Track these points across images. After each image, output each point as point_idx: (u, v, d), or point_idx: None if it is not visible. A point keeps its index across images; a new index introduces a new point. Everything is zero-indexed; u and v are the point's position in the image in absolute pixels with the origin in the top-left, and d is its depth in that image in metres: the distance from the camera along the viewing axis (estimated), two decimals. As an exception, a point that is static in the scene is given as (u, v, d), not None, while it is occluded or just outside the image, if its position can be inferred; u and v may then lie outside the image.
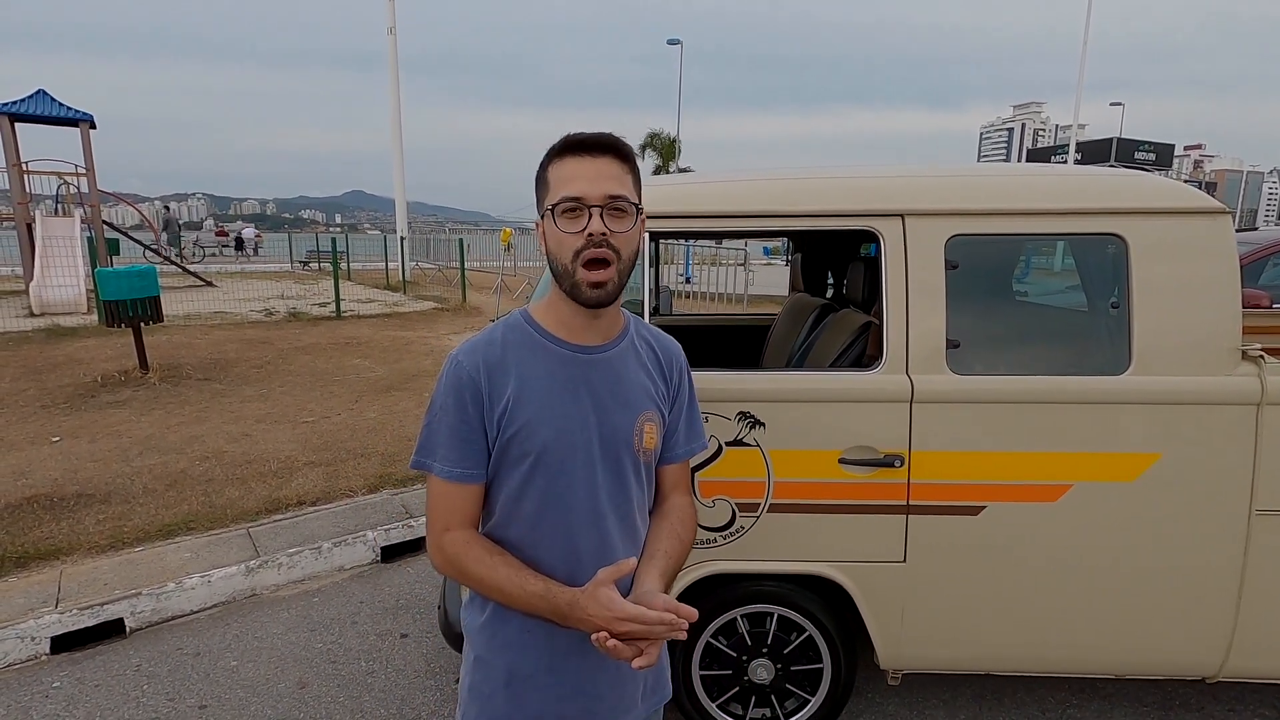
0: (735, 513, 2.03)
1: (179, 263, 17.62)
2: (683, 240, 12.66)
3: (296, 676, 2.71)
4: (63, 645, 2.85)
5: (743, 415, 1.98)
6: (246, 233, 33.47)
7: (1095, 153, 41.16)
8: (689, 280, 15.02)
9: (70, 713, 2.50)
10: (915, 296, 1.95)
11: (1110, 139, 42.60)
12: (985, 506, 1.98)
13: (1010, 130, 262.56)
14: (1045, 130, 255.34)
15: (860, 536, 2.02)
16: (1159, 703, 2.50)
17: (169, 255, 18.87)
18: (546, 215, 1.11)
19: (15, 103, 13.13)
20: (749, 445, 1.99)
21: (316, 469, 4.50)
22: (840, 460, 1.98)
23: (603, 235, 1.07)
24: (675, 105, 27.53)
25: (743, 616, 2.17)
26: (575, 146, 1.09)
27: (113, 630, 2.95)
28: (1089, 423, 1.94)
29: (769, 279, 13.30)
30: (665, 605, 1.05)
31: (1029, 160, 77.88)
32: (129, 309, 6.27)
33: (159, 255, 16.95)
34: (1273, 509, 1.94)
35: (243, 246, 31.17)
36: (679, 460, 1.31)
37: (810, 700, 2.24)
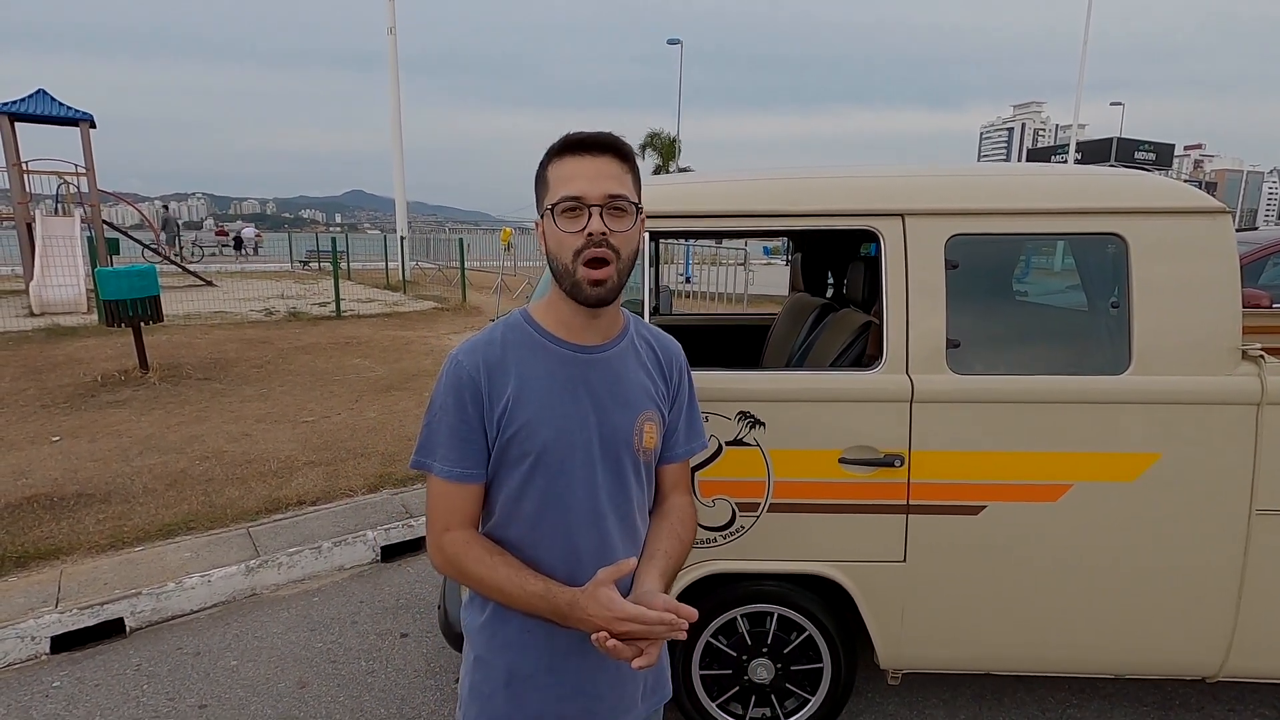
0: (735, 512, 2.03)
1: (179, 262, 17.62)
2: (683, 240, 12.66)
3: (296, 676, 2.71)
4: (63, 645, 2.85)
5: (743, 415, 1.98)
6: (246, 232, 33.46)
7: (1095, 152, 41.20)
8: (689, 280, 15.02)
9: (70, 712, 2.50)
10: (915, 296, 1.95)
11: (1110, 139, 42.64)
12: (985, 506, 1.98)
13: (1010, 130, 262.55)
14: (1045, 130, 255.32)
15: (860, 536, 2.02)
16: (1159, 703, 2.50)
17: (169, 255, 18.87)
18: (546, 215, 1.11)
19: (15, 102, 13.15)
20: (749, 445, 1.99)
21: (316, 469, 4.50)
22: (840, 460, 1.98)
23: (602, 234, 1.07)
24: (675, 105, 27.57)
25: (743, 616, 2.17)
26: (575, 146, 1.09)
27: (113, 630, 2.95)
28: (1089, 422, 1.94)
29: (769, 279, 13.29)
30: (665, 605, 1.05)
31: (1029, 160, 77.87)
32: (129, 308, 6.28)
33: (159, 255, 16.95)
34: (1273, 509, 1.94)
35: (242, 246, 31.16)
36: (679, 460, 1.31)
37: (810, 700, 2.24)
